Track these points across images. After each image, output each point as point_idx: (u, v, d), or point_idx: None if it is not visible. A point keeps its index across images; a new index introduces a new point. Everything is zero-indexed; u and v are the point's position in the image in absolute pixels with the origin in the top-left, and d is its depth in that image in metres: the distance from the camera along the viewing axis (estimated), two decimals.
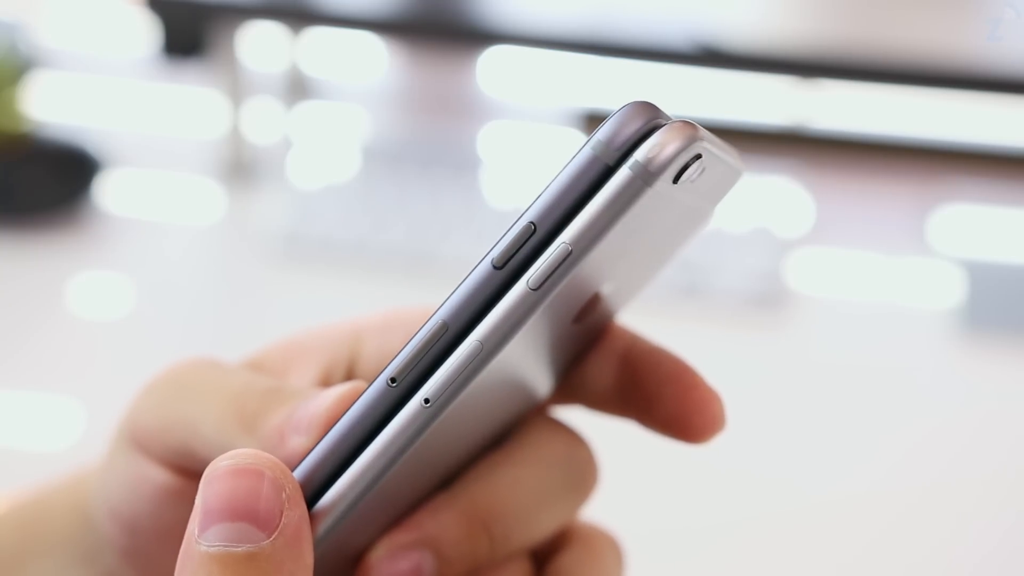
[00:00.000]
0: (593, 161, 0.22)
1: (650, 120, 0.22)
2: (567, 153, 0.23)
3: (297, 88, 1.19)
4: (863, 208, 1.10)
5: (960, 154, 1.13)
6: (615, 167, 0.22)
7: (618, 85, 1.19)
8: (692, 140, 0.22)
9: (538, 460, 0.27)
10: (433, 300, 0.88)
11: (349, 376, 0.29)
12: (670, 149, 0.22)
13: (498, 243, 0.23)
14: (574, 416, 0.30)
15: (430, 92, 1.25)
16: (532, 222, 0.23)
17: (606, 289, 0.25)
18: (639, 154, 0.22)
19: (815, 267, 1.02)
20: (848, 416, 0.88)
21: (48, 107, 1.14)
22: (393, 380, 0.23)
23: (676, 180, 0.22)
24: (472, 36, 1.01)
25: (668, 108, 0.23)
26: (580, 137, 1.14)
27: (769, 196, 1.06)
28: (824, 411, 0.88)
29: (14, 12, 1.25)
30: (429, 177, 1.06)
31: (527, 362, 0.25)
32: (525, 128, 1.17)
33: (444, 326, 0.23)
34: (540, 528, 0.27)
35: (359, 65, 1.26)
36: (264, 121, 1.14)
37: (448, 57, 1.29)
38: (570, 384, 0.28)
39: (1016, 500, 0.82)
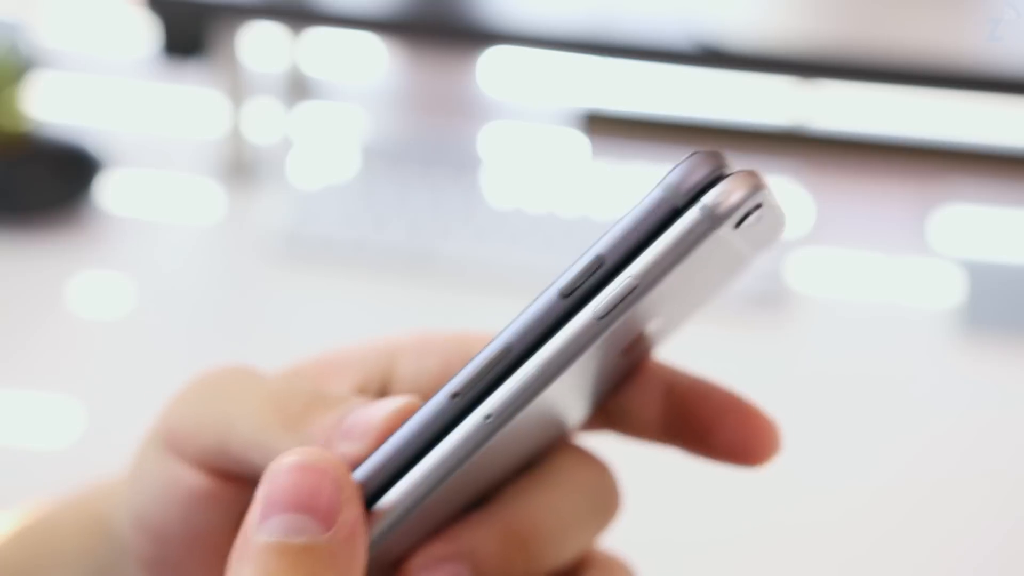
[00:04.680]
0: (662, 202, 0.23)
1: (716, 168, 0.23)
2: (638, 196, 0.24)
3: (297, 88, 1.19)
4: (863, 208, 1.10)
5: (960, 154, 1.13)
6: (683, 209, 0.23)
7: (618, 85, 1.19)
8: (757, 189, 0.23)
9: (573, 485, 0.28)
10: (434, 299, 0.88)
11: (382, 395, 0.29)
12: (737, 196, 0.23)
13: (565, 273, 0.24)
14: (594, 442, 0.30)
15: (430, 92, 1.25)
16: (600, 255, 0.24)
17: (654, 325, 0.26)
18: (708, 198, 0.23)
19: (815, 267, 1.02)
20: (848, 416, 0.88)
21: (48, 107, 1.14)
22: (455, 395, 0.24)
23: (738, 225, 0.23)
24: (472, 36, 1.01)
25: (669, 108, 0.24)
26: (580, 136, 1.14)
27: None
28: (824, 411, 0.88)
29: (14, 12, 1.25)
30: (429, 177, 1.06)
31: (575, 390, 0.26)
32: (525, 128, 1.17)
33: (508, 348, 0.24)
34: (569, 551, 0.28)
35: (359, 65, 1.26)
36: (264, 121, 1.14)
37: (448, 57, 1.29)
38: (608, 413, 0.30)
39: (1018, 500, 0.82)
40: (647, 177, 1.07)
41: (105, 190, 1.06)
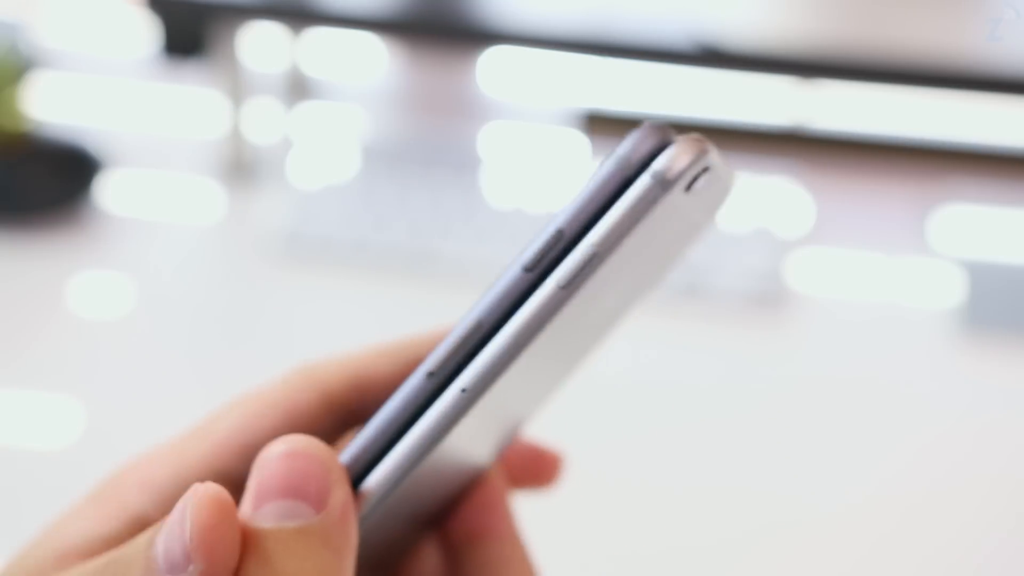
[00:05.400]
0: (615, 174, 0.24)
1: (664, 138, 0.24)
2: (590, 171, 0.25)
3: (297, 88, 1.19)
4: (863, 208, 1.10)
5: (960, 154, 1.13)
6: (634, 178, 0.24)
7: (618, 85, 1.19)
8: (704, 152, 0.24)
9: None
10: (434, 299, 0.87)
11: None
12: (684, 160, 0.24)
13: (527, 249, 0.25)
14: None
15: (430, 92, 1.25)
16: (559, 229, 0.24)
17: (614, 300, 0.27)
18: (657, 164, 0.24)
19: (815, 267, 1.02)
20: (848, 416, 0.88)
21: (48, 107, 1.14)
22: (431, 374, 0.25)
23: (688, 189, 0.24)
24: (472, 36, 1.01)
25: (669, 108, 0.24)
26: (580, 136, 1.14)
27: (769, 196, 1.06)
28: (824, 411, 0.88)
29: (14, 12, 1.25)
30: (429, 177, 1.06)
31: (538, 372, 0.27)
32: (525, 128, 1.17)
33: (479, 325, 0.25)
34: None
35: (359, 65, 1.26)
36: (264, 121, 1.14)
37: (448, 57, 1.29)
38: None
39: (1018, 500, 0.82)
40: None
41: (105, 190, 1.06)
